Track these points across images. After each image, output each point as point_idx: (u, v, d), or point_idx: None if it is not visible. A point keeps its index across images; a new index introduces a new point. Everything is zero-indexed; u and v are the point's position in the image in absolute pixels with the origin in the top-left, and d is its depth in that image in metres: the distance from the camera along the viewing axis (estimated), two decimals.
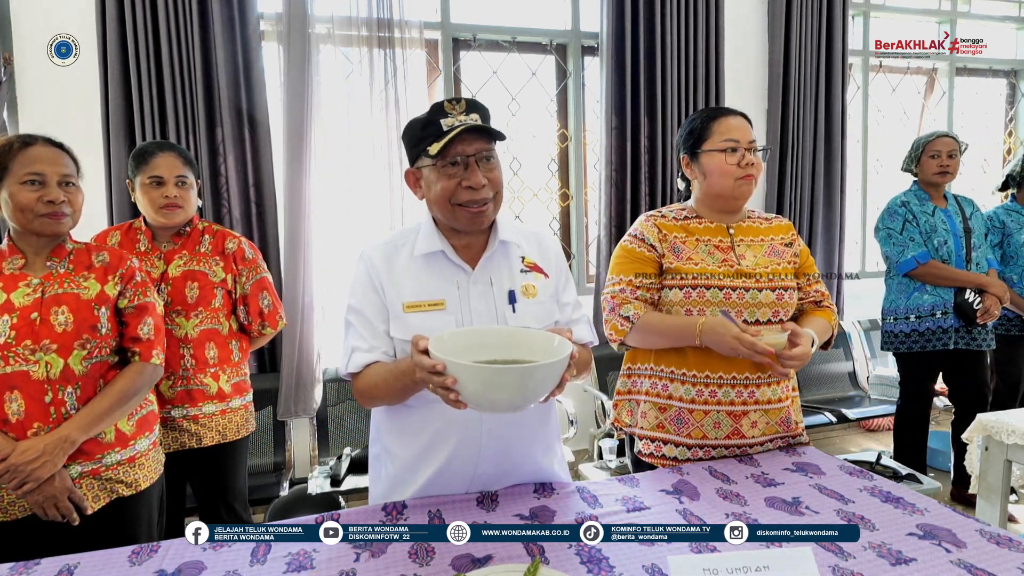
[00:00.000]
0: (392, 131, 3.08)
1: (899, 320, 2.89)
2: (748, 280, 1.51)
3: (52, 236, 1.45)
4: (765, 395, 1.53)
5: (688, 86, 3.51)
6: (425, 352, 1.00)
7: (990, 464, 2.08)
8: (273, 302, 2.08)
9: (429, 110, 1.22)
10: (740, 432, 1.52)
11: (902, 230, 2.84)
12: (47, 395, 1.38)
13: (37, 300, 1.40)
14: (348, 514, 1.27)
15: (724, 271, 1.51)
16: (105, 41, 2.73)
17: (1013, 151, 4.73)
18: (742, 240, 1.58)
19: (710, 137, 1.56)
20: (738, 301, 1.50)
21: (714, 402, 1.51)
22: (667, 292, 1.54)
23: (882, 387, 3.72)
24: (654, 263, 1.55)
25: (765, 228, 1.62)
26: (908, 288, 2.87)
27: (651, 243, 1.56)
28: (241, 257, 2.00)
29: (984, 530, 1.13)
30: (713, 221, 1.60)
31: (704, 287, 1.50)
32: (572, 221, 3.74)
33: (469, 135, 1.19)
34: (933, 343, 2.80)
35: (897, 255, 2.84)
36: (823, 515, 1.21)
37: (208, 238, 1.98)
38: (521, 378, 0.96)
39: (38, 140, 1.44)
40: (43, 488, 1.36)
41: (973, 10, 4.44)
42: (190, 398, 1.90)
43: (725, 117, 1.57)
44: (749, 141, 1.55)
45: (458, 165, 1.20)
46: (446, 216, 1.25)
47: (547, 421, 1.39)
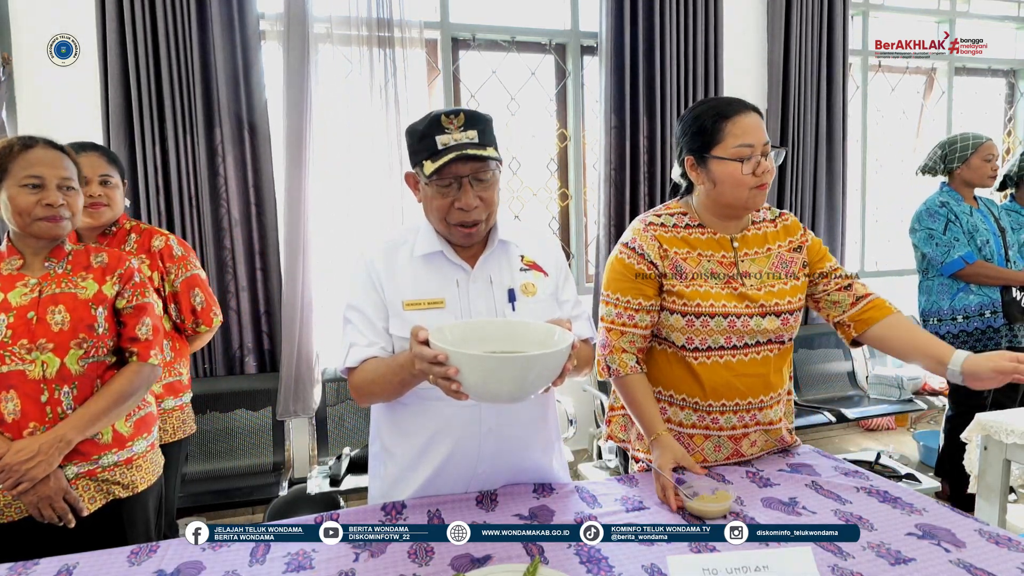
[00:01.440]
0: (391, 131, 3.08)
1: (944, 322, 2.80)
2: (752, 305, 1.41)
3: (50, 239, 1.45)
4: (767, 417, 1.47)
5: (687, 85, 3.51)
6: (425, 343, 0.99)
7: (989, 464, 2.08)
8: (206, 299, 2.04)
9: (427, 123, 1.19)
10: (740, 452, 1.49)
11: (944, 230, 2.76)
12: (43, 394, 1.38)
13: (34, 300, 1.40)
14: (347, 514, 1.27)
15: (728, 294, 1.41)
16: (105, 41, 2.73)
17: (1012, 151, 4.73)
18: (746, 254, 1.46)
19: (722, 141, 1.38)
20: (742, 329, 1.41)
21: (716, 428, 1.45)
22: (668, 315, 1.44)
23: (881, 387, 3.72)
24: (653, 283, 1.44)
25: (772, 234, 1.50)
26: (951, 289, 2.79)
27: (651, 260, 1.43)
28: (169, 254, 1.97)
29: (983, 530, 1.13)
30: (716, 232, 1.47)
31: (708, 315, 1.40)
32: (571, 221, 3.74)
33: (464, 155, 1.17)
34: (984, 343, 2.75)
35: (942, 256, 2.76)
36: (820, 515, 1.21)
37: (134, 236, 1.95)
38: (523, 367, 0.95)
39: (39, 142, 1.43)
40: (38, 488, 1.35)
41: (972, 10, 4.44)
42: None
43: (738, 116, 1.38)
44: (764, 143, 1.38)
45: (452, 185, 1.19)
46: (439, 228, 1.27)
47: (546, 421, 1.39)
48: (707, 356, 1.43)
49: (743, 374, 1.43)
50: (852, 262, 4.19)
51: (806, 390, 3.76)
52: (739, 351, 1.42)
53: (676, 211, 1.51)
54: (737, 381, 1.43)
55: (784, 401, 1.54)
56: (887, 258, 4.48)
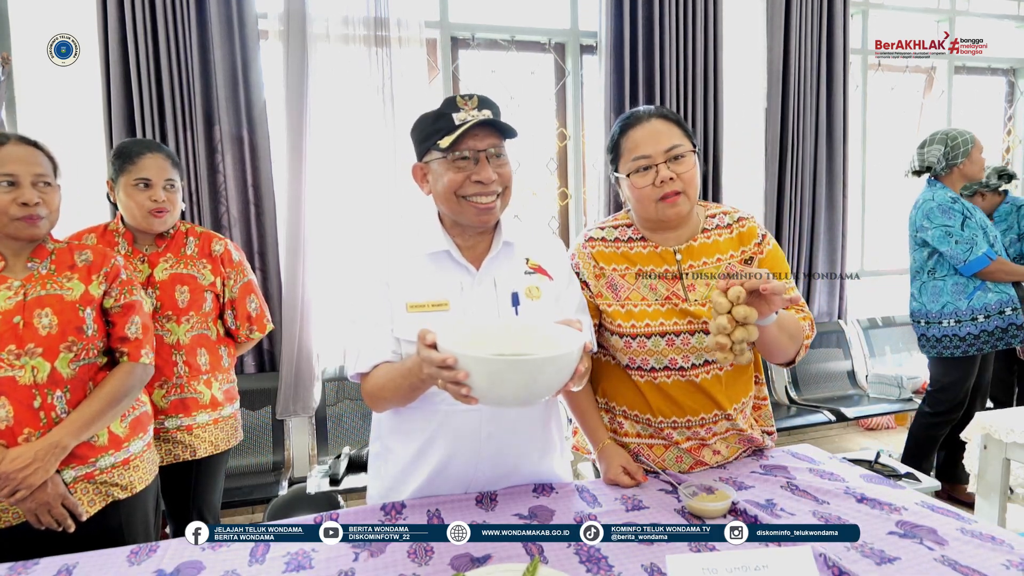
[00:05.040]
0: (391, 130, 3.07)
1: (963, 323, 2.72)
2: (695, 322, 1.34)
3: (28, 239, 1.41)
4: (724, 427, 1.42)
5: (687, 85, 3.51)
6: (433, 346, 0.97)
7: (988, 462, 2.08)
8: (260, 305, 2.02)
9: (441, 104, 1.21)
10: (703, 462, 1.44)
11: (962, 227, 2.67)
12: (35, 400, 1.36)
13: (19, 303, 1.36)
14: (347, 514, 1.27)
15: (667, 311, 1.35)
16: (106, 41, 2.73)
17: (1012, 149, 4.73)
18: (692, 266, 1.38)
19: (622, 156, 1.35)
20: (683, 347, 1.35)
21: (672, 442, 1.42)
22: (608, 336, 1.40)
23: (880, 386, 3.72)
24: (588, 304, 1.39)
25: (726, 242, 1.40)
26: (967, 288, 2.72)
27: (584, 279, 1.41)
28: (229, 260, 1.94)
29: (965, 528, 1.13)
30: (658, 245, 1.40)
31: (644, 336, 1.35)
32: (571, 220, 3.74)
33: (481, 130, 1.19)
34: (1007, 341, 2.70)
35: (964, 254, 2.66)
36: (799, 517, 1.20)
37: (193, 240, 1.90)
38: (534, 371, 0.93)
39: (10, 139, 1.39)
40: (36, 495, 1.34)
41: (972, 8, 4.44)
42: (184, 407, 1.83)
43: (631, 129, 1.34)
44: (666, 150, 1.30)
45: (468, 159, 1.19)
46: (452, 210, 1.24)
47: (547, 424, 1.38)
48: (653, 376, 1.38)
49: (689, 393, 1.38)
50: (852, 262, 4.19)
51: (806, 389, 3.76)
52: (688, 372, 1.37)
53: (621, 223, 1.46)
54: (684, 400, 1.39)
55: (749, 408, 1.48)
56: (888, 258, 4.48)
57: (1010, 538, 1.10)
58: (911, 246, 2.93)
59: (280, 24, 2.93)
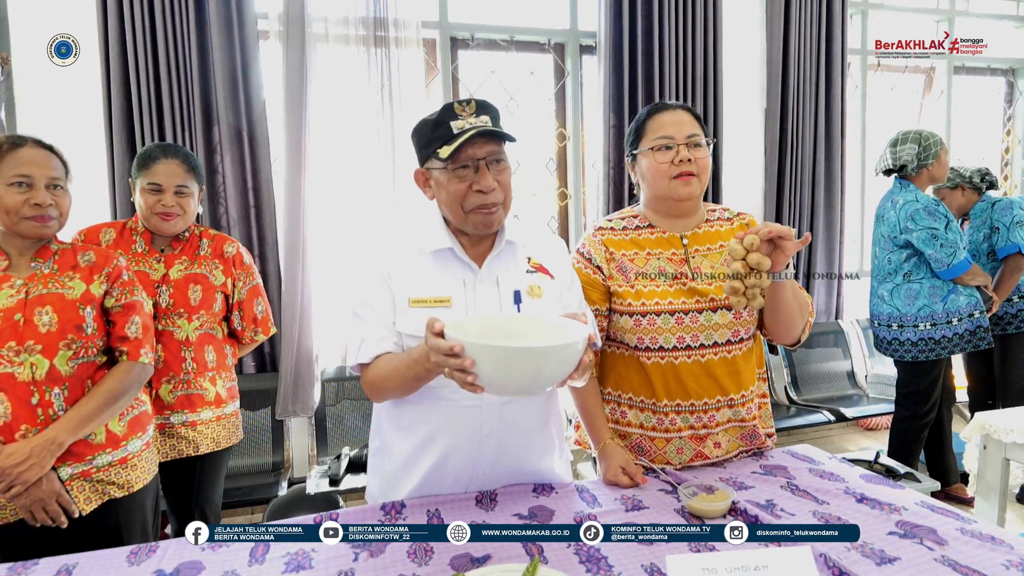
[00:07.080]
0: (390, 131, 3.07)
1: (938, 326, 2.72)
2: (703, 300, 1.41)
3: (37, 239, 1.44)
4: (726, 416, 1.45)
5: (686, 85, 3.51)
6: (440, 335, 0.98)
7: (988, 463, 2.08)
8: (266, 308, 2.07)
9: (439, 111, 1.22)
10: (704, 454, 1.46)
11: (946, 230, 2.66)
12: (33, 397, 1.37)
13: (21, 301, 1.38)
14: (347, 514, 1.27)
15: (676, 291, 1.42)
16: (107, 41, 2.73)
17: (1011, 149, 4.73)
18: (697, 250, 1.47)
19: (644, 136, 1.47)
20: (692, 325, 1.41)
21: (675, 429, 1.44)
22: (617, 317, 1.45)
23: (880, 386, 3.72)
24: (600, 288, 1.46)
25: (727, 231, 1.50)
26: (941, 291, 2.72)
27: (597, 263, 1.47)
28: (240, 262, 1.99)
29: (965, 528, 1.13)
30: (666, 231, 1.49)
31: (654, 313, 1.41)
32: (571, 220, 3.74)
33: (480, 138, 1.19)
34: (975, 343, 2.71)
35: (948, 257, 2.65)
36: (799, 517, 1.20)
37: (207, 242, 1.95)
38: (539, 359, 0.95)
39: (28, 141, 1.42)
40: (31, 492, 1.35)
41: (972, 8, 4.44)
42: (190, 403, 1.87)
43: (659, 113, 1.46)
44: (687, 136, 1.42)
45: (468, 168, 1.20)
46: (457, 220, 1.26)
47: (547, 424, 1.38)
48: (660, 356, 1.42)
49: (694, 375, 1.42)
50: (851, 262, 4.19)
51: (805, 389, 3.76)
52: (695, 351, 1.42)
53: (628, 215, 1.55)
54: (690, 382, 1.42)
55: (756, 403, 1.51)
56: None
57: (1010, 538, 1.10)
58: (885, 247, 2.87)
59: (279, 24, 2.93)
